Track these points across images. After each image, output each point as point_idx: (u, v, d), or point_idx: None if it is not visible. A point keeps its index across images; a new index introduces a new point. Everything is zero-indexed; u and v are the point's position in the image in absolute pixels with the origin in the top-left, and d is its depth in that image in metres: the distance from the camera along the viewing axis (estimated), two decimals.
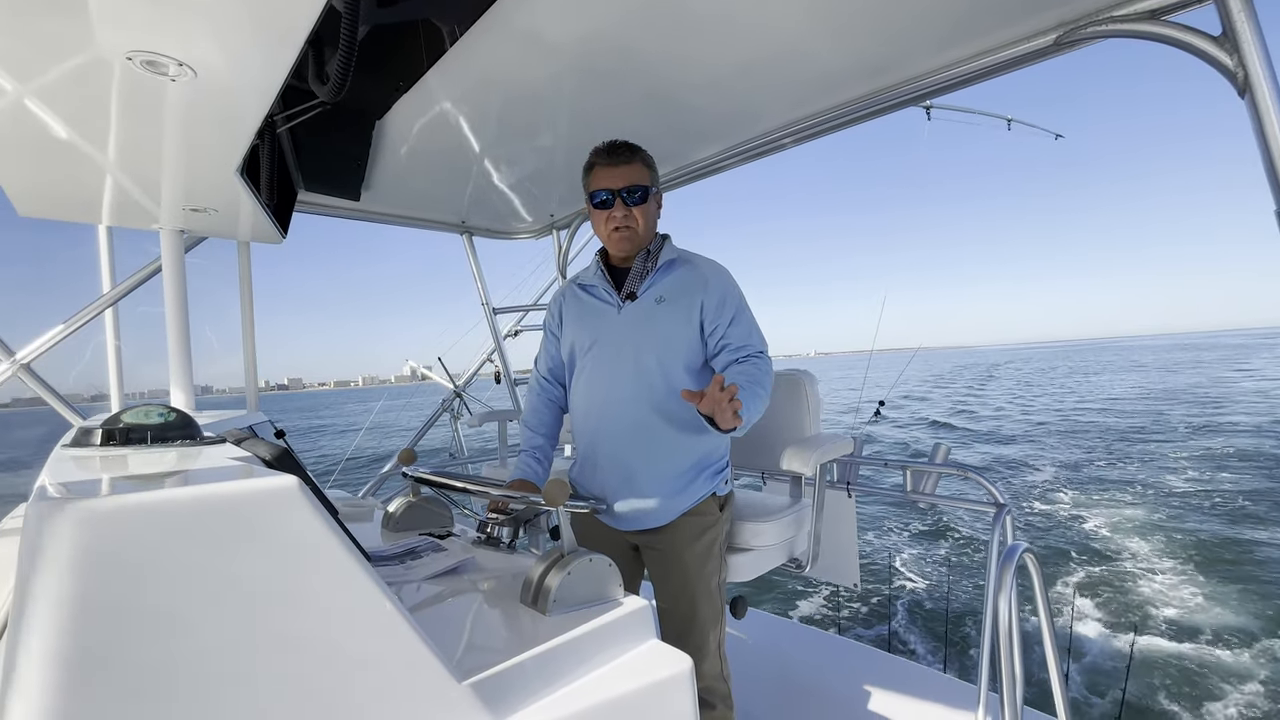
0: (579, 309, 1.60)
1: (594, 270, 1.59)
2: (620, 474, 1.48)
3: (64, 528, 0.49)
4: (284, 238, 2.17)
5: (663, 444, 1.46)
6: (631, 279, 1.52)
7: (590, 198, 1.52)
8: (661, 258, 1.52)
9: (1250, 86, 1.06)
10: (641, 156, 1.51)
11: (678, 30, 1.41)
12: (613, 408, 1.48)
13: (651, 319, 1.48)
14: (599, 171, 1.49)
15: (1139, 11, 1.22)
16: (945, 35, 1.45)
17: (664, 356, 1.46)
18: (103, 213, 1.77)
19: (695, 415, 1.49)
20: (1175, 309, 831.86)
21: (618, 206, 1.47)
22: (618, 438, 1.48)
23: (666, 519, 1.46)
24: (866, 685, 2.19)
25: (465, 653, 0.78)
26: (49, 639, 0.47)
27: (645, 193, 1.49)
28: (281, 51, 0.88)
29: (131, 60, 0.88)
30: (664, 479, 1.46)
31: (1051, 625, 1.61)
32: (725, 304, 1.48)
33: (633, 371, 1.47)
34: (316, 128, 1.81)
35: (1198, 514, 9.06)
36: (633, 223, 1.48)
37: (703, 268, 1.53)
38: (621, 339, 1.50)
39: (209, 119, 1.14)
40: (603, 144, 1.51)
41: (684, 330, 1.46)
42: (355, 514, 1.50)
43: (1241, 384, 30.76)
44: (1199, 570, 6.95)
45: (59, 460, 0.78)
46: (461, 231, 3.14)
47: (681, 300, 1.48)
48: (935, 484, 1.98)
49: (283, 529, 0.58)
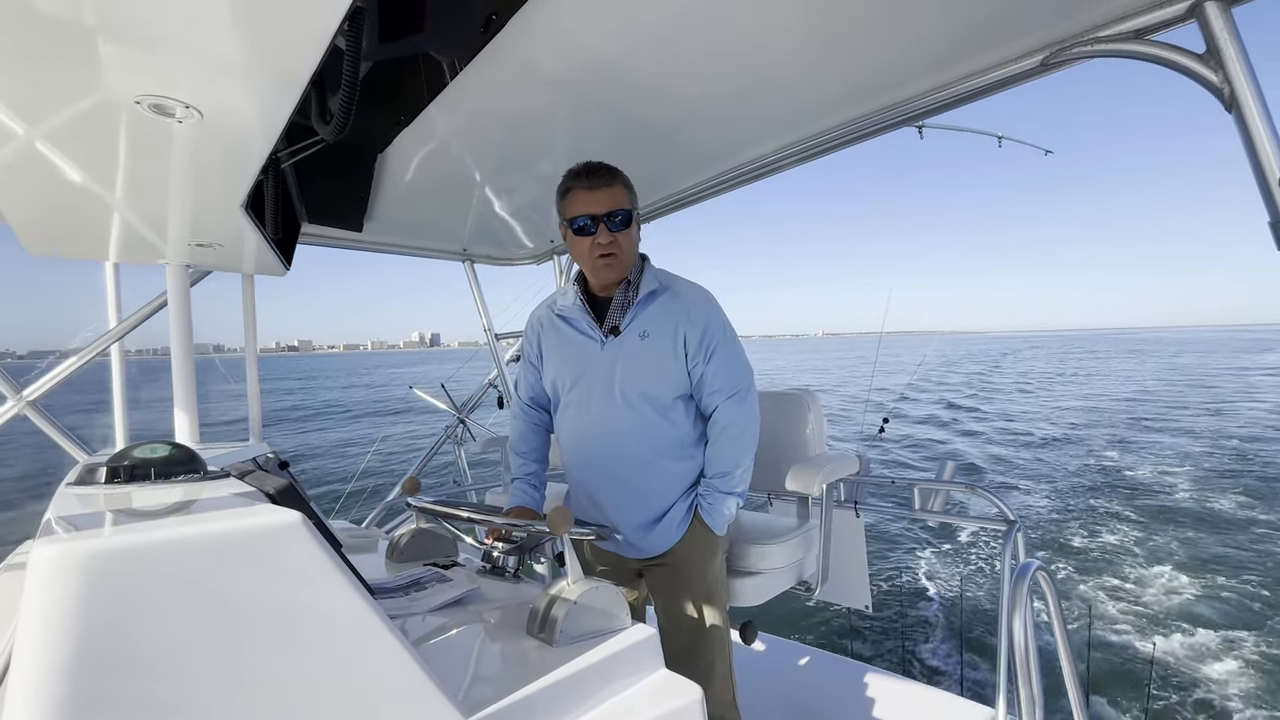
0: (559, 341, 1.54)
1: (573, 300, 1.51)
2: (614, 508, 1.46)
3: (67, 568, 0.49)
4: (287, 269, 2.19)
5: (655, 475, 1.44)
6: (613, 312, 1.47)
7: (569, 223, 1.45)
8: (643, 287, 1.46)
9: (1237, 101, 1.07)
10: (621, 179, 1.45)
11: (673, 60, 1.44)
12: (601, 445, 1.46)
13: (636, 356, 1.44)
14: (578, 195, 1.43)
15: (1124, 32, 1.24)
16: (936, 58, 1.48)
17: (651, 390, 1.43)
18: (110, 249, 1.80)
19: (684, 440, 1.47)
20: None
21: (601, 233, 1.40)
22: (612, 472, 1.46)
23: (668, 544, 1.45)
24: (880, 711, 2.14)
25: (471, 686, 0.77)
26: (50, 679, 0.47)
27: (628, 217, 1.44)
28: (285, 92, 0.90)
29: (140, 104, 0.90)
30: (662, 507, 1.45)
31: (1068, 645, 1.58)
32: (706, 338, 1.43)
33: (622, 406, 1.43)
34: (319, 163, 1.84)
35: (1223, 524, 8.91)
36: (617, 249, 1.42)
37: (684, 296, 1.48)
38: (607, 375, 1.45)
39: (215, 158, 1.16)
40: (579, 166, 1.45)
41: (669, 363, 1.43)
42: (359, 545, 1.49)
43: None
44: (1224, 582, 6.82)
45: (63, 499, 0.78)
46: (463, 259, 3.17)
47: (665, 333, 1.43)
48: (944, 501, 1.97)
49: (286, 565, 0.57)
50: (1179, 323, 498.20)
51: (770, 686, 2.38)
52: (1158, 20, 1.18)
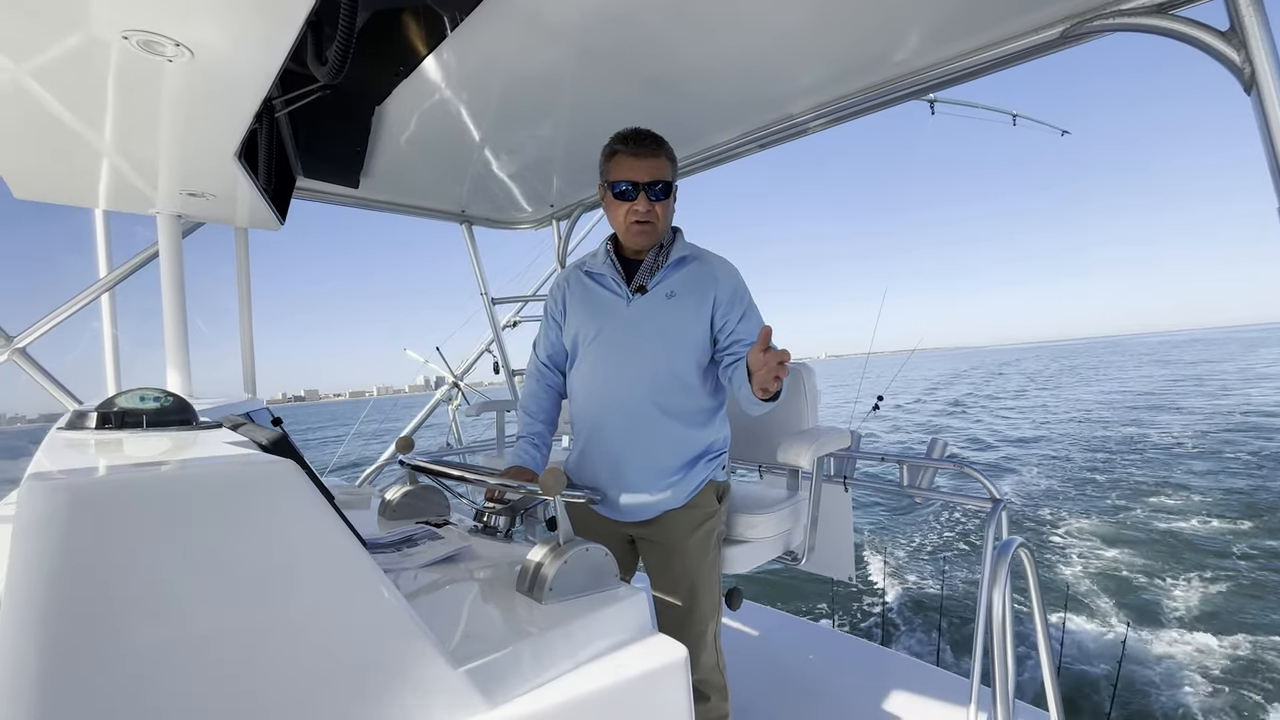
0: (585, 297, 1.56)
1: (603, 259, 1.55)
2: (619, 465, 1.47)
3: (57, 507, 0.48)
4: (282, 224, 2.15)
5: (664, 437, 1.45)
6: (642, 272, 1.50)
7: (610, 186, 1.46)
8: (674, 253, 1.49)
9: (1257, 83, 1.05)
10: (666, 150, 1.47)
11: (682, 14, 1.40)
12: (615, 399, 1.47)
13: (660, 314, 1.46)
14: (622, 160, 1.44)
15: (1146, 5, 1.20)
16: (952, 26, 1.44)
17: (671, 351, 1.45)
18: (99, 196, 1.76)
19: (698, 408, 1.48)
20: None
21: (640, 200, 1.43)
22: (618, 429, 1.47)
23: (664, 510, 1.46)
24: (860, 678, 2.20)
25: (461, 640, 0.78)
26: (40, 620, 0.47)
27: (668, 188, 1.46)
28: (280, 32, 0.86)
29: (128, 39, 0.87)
30: (663, 472, 1.46)
31: (1045, 620, 1.62)
32: (736, 300, 1.47)
33: (637, 365, 1.45)
34: (315, 113, 1.79)
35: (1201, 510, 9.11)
36: (654, 218, 1.45)
37: (713, 264, 1.51)
38: (629, 332, 1.47)
39: (206, 101, 1.13)
40: (628, 130, 1.46)
41: (694, 326, 1.45)
42: (352, 501, 1.50)
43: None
44: (1196, 565, 7.00)
45: (53, 443, 0.77)
46: (461, 221, 3.12)
47: (692, 296, 1.46)
48: (932, 479, 1.99)
49: (280, 511, 0.57)
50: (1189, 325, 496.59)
51: (754, 653, 2.44)
52: None
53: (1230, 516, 8.80)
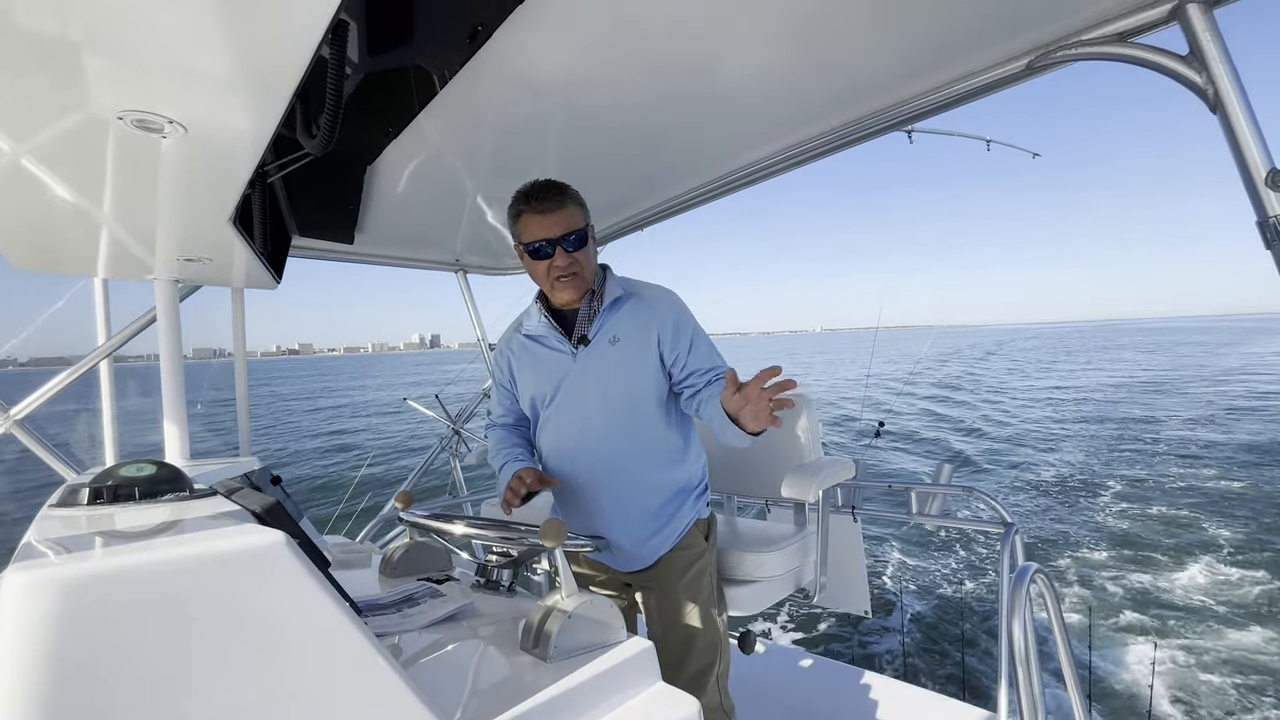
0: (531, 361, 1.53)
1: (537, 319, 1.51)
2: (603, 517, 1.45)
3: (39, 595, 0.47)
4: (278, 283, 2.18)
5: (643, 482, 1.43)
6: (580, 323, 1.47)
7: (525, 248, 1.44)
8: (607, 296, 1.47)
9: (1221, 102, 1.08)
10: (571, 196, 1.45)
11: (661, 69, 1.45)
12: (585, 456, 1.44)
13: (609, 361, 1.44)
14: (529, 219, 1.43)
15: (1108, 35, 1.25)
16: (923, 63, 1.48)
17: (629, 396, 1.42)
18: (98, 265, 1.78)
19: (670, 446, 1.46)
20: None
21: (558, 256, 1.41)
22: (597, 485, 1.44)
23: (655, 556, 1.44)
24: (882, 716, 2.12)
25: (465, 705, 0.75)
26: (20, 712, 0.45)
27: (583, 235, 1.43)
28: (270, 106, 0.89)
29: (124, 120, 0.90)
30: (648, 516, 1.43)
31: (1069, 648, 1.57)
32: (680, 332, 1.44)
33: (600, 414, 1.43)
34: (308, 176, 1.83)
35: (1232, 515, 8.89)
36: (577, 268, 1.43)
37: (650, 297, 1.49)
38: (583, 384, 1.44)
39: (201, 173, 1.16)
40: (526, 186, 1.45)
41: (643, 367, 1.43)
42: (352, 560, 1.47)
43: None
44: (1235, 579, 6.81)
45: (44, 521, 0.76)
46: (455, 270, 3.16)
47: (635, 337, 1.44)
48: (941, 505, 1.96)
49: (268, 587, 0.56)
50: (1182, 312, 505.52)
51: (771, 693, 2.36)
52: (1141, 23, 1.19)
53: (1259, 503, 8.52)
